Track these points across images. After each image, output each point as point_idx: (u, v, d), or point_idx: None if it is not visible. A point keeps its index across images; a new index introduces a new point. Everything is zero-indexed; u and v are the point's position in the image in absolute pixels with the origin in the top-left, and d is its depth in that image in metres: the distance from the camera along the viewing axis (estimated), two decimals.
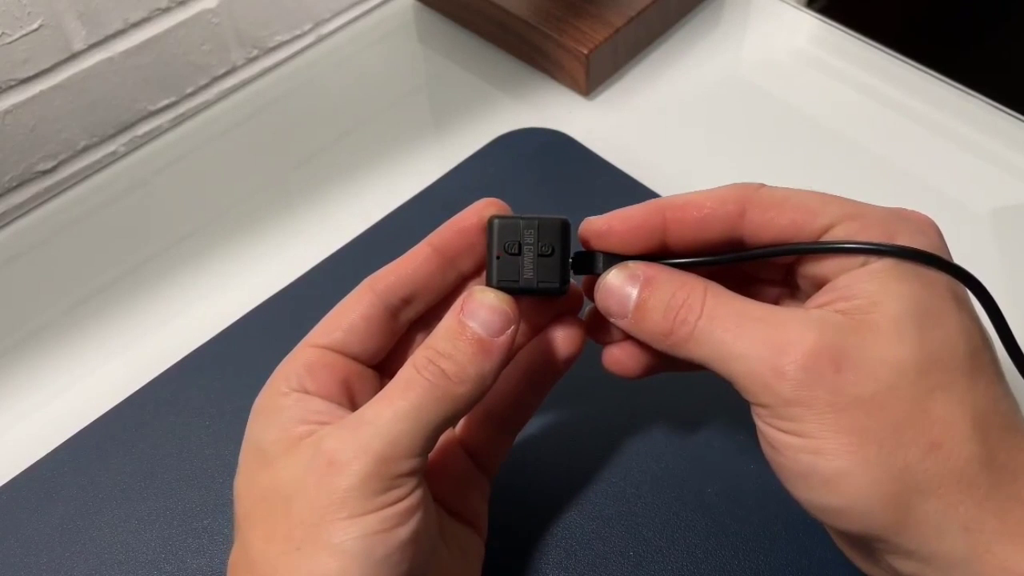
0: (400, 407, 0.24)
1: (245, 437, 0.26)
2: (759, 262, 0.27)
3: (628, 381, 0.29)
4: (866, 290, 0.23)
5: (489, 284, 0.27)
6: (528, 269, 0.26)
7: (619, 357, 0.29)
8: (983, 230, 0.42)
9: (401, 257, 0.28)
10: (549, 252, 0.26)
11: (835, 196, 0.25)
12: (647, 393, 0.35)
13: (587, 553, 0.32)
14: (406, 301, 0.28)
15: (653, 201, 0.27)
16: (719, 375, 0.25)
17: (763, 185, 0.26)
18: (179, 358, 0.38)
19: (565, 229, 0.27)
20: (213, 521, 0.33)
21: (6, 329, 0.41)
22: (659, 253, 0.27)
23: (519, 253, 0.26)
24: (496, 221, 0.27)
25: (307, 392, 0.26)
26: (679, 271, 0.26)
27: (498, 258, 0.26)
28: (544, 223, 0.26)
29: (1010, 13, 0.96)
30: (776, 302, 0.29)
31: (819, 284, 0.25)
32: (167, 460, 0.35)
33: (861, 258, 0.24)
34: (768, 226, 0.25)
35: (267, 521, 0.24)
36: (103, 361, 0.39)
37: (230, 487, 0.34)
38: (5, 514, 0.34)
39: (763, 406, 0.24)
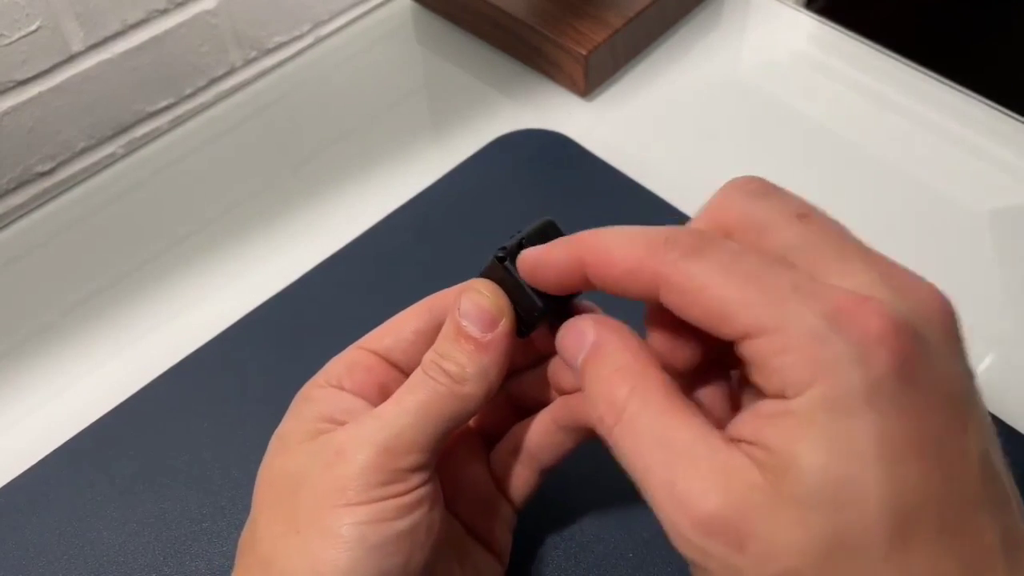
0: (406, 403, 0.25)
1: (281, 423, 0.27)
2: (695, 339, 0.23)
3: None
4: (780, 445, 0.19)
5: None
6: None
7: None
8: (982, 231, 0.42)
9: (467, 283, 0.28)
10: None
11: (768, 289, 0.19)
12: None
13: (587, 555, 0.31)
14: None
15: (575, 239, 0.23)
16: None
17: (679, 257, 0.20)
18: (178, 360, 0.38)
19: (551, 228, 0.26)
20: (213, 524, 0.33)
21: (5, 331, 0.41)
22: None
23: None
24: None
25: (342, 388, 0.27)
26: (631, 340, 0.23)
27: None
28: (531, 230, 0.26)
29: (1009, 14, 0.96)
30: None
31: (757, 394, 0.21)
32: (166, 462, 0.35)
33: (778, 386, 0.19)
34: (681, 312, 0.21)
35: (275, 505, 0.25)
36: (101, 363, 0.39)
37: (229, 489, 0.34)
38: (3, 516, 0.34)
39: None
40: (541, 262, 0.24)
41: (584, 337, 0.23)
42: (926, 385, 0.19)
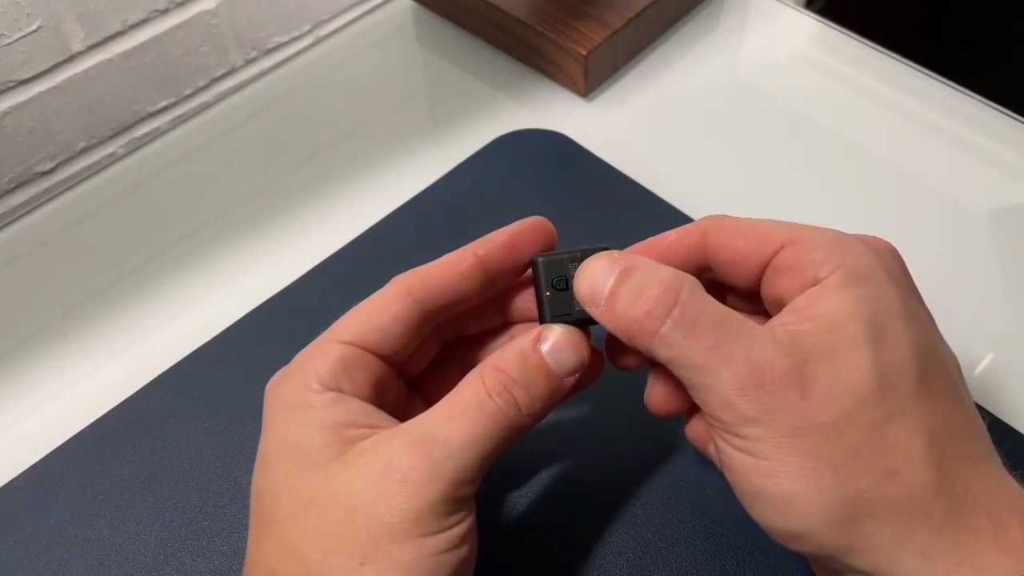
0: (472, 433, 0.24)
1: (272, 432, 0.25)
2: (733, 276, 0.27)
3: (630, 375, 0.29)
4: (824, 310, 0.23)
5: (543, 321, 0.27)
6: (577, 302, 0.26)
7: (660, 394, 0.28)
8: (982, 231, 0.42)
9: (442, 263, 0.27)
10: None
11: (791, 223, 0.26)
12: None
13: (586, 554, 0.31)
14: (444, 309, 0.28)
15: (635, 246, 0.28)
16: (680, 378, 0.24)
17: (726, 216, 0.27)
18: (178, 360, 0.38)
19: None
20: (213, 523, 0.33)
21: (5, 331, 0.41)
22: None
23: (567, 288, 0.27)
24: (540, 260, 0.27)
25: (342, 392, 0.25)
26: (661, 264, 0.25)
27: (548, 296, 0.27)
28: (586, 254, 0.26)
29: (1009, 14, 0.96)
30: None
31: (779, 305, 0.25)
32: (166, 462, 0.35)
33: (811, 276, 0.24)
34: (727, 247, 0.26)
35: (324, 531, 0.23)
36: (102, 363, 0.39)
37: (230, 489, 0.34)
38: (4, 516, 0.34)
39: (720, 421, 0.23)
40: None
41: (615, 262, 0.25)
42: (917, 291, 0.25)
